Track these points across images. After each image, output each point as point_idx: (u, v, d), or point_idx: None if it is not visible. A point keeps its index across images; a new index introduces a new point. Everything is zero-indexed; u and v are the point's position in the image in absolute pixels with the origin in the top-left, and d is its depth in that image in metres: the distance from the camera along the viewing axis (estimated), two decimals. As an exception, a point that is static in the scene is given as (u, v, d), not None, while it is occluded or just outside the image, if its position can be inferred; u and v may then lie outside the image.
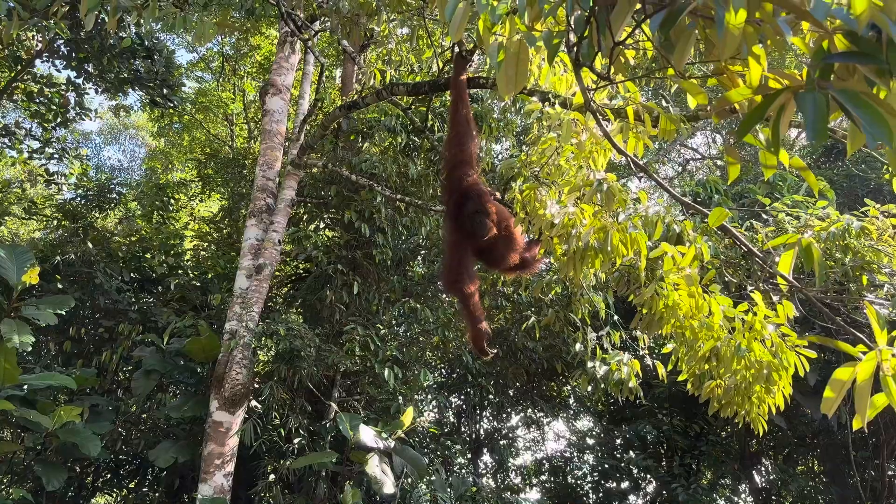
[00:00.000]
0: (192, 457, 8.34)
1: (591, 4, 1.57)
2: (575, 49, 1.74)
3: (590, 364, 7.54)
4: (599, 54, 1.74)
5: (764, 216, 7.20)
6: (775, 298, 3.91)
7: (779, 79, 1.54)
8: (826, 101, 1.35)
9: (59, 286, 10.30)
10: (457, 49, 4.12)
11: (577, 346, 7.81)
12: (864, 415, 1.82)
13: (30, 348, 7.67)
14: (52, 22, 7.73)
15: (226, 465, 7.45)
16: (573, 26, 1.69)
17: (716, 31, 1.39)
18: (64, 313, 8.50)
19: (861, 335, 2.30)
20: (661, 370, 6.99)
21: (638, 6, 1.52)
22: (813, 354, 3.67)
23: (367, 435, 7.88)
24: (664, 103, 3.10)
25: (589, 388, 7.86)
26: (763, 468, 13.59)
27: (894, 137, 1.28)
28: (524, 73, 1.93)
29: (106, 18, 4.67)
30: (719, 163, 18.29)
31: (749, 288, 6.46)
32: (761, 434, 4.15)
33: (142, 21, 4.70)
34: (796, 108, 1.49)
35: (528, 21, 1.83)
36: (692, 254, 3.36)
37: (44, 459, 7.86)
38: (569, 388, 14.47)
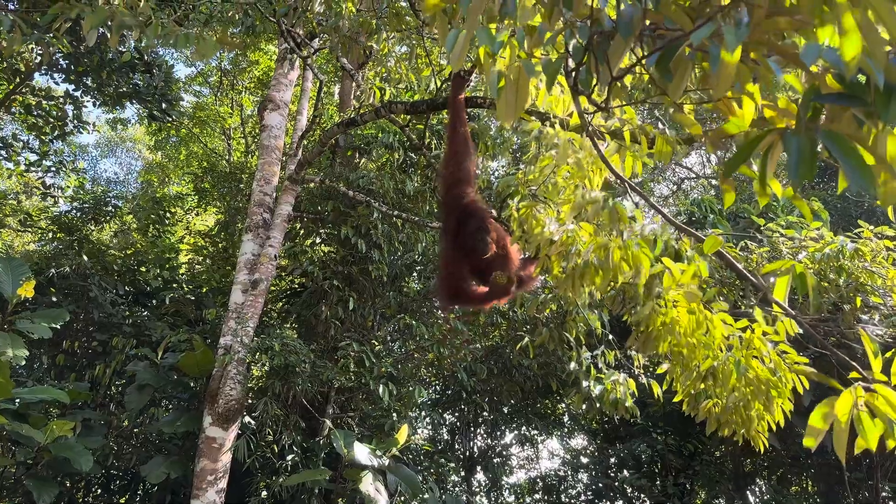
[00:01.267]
0: (185, 472, 8.28)
1: (589, 35, 1.61)
2: (573, 75, 1.77)
3: (585, 383, 7.54)
4: (596, 83, 1.77)
5: (759, 236, 7.24)
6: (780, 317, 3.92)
7: (774, 110, 1.57)
8: (810, 144, 1.38)
9: (54, 299, 10.26)
10: (459, 67, 4.15)
11: (572, 365, 7.81)
12: (842, 452, 1.85)
13: (23, 362, 7.63)
14: (53, 37, 7.76)
15: (218, 482, 7.40)
16: (571, 53, 1.72)
17: (711, 62, 1.43)
18: (58, 327, 8.47)
19: (855, 358, 2.32)
20: (657, 389, 6.98)
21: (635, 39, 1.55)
22: (812, 376, 3.67)
23: (361, 452, 7.85)
24: (660, 126, 3.13)
25: (584, 407, 7.85)
26: (757, 488, 13.56)
27: (874, 186, 1.32)
28: (524, 99, 1.95)
29: (107, 34, 4.71)
30: (714, 182, 18.40)
31: (743, 307, 6.49)
32: (762, 451, 4.13)
33: (143, 37, 4.74)
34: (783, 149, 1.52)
35: (528, 49, 1.86)
36: (693, 270, 3.38)
37: (35, 474, 7.79)
38: (563, 405, 14.44)
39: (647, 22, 1.55)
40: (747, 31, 1.35)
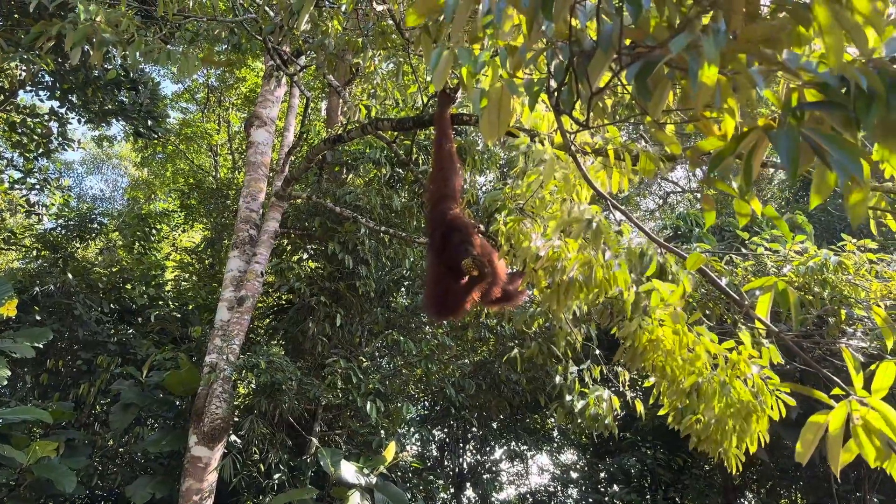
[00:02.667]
0: (170, 492, 8.19)
1: (570, 54, 1.62)
2: (556, 95, 1.78)
3: (568, 397, 7.53)
4: (579, 101, 1.79)
5: (744, 250, 7.30)
6: (765, 342, 3.95)
7: (754, 126, 1.58)
8: (797, 137, 1.39)
9: (38, 317, 10.15)
10: (442, 85, 4.18)
11: (557, 379, 7.81)
12: (836, 464, 1.85)
13: (5, 382, 7.54)
14: (36, 55, 7.74)
15: (204, 502, 7.31)
16: (553, 73, 1.74)
17: (690, 76, 1.45)
18: (41, 346, 8.37)
19: (839, 372, 2.33)
20: (640, 407, 6.99)
21: (615, 55, 1.57)
22: (792, 402, 3.69)
23: (349, 471, 7.79)
24: (643, 143, 3.16)
25: (568, 422, 7.84)
26: (746, 501, 13.55)
27: (862, 171, 1.33)
28: (507, 118, 1.97)
29: (91, 52, 4.70)
30: (699, 196, 18.54)
31: (731, 321, 6.53)
32: (736, 472, 4.14)
33: (127, 54, 4.73)
34: (769, 147, 1.53)
35: (510, 68, 1.88)
36: (680, 291, 3.40)
37: (17, 496, 7.67)
38: (552, 420, 14.41)
39: (628, 41, 1.57)
40: (725, 38, 1.37)
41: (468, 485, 14.66)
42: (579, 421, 7.34)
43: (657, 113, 1.58)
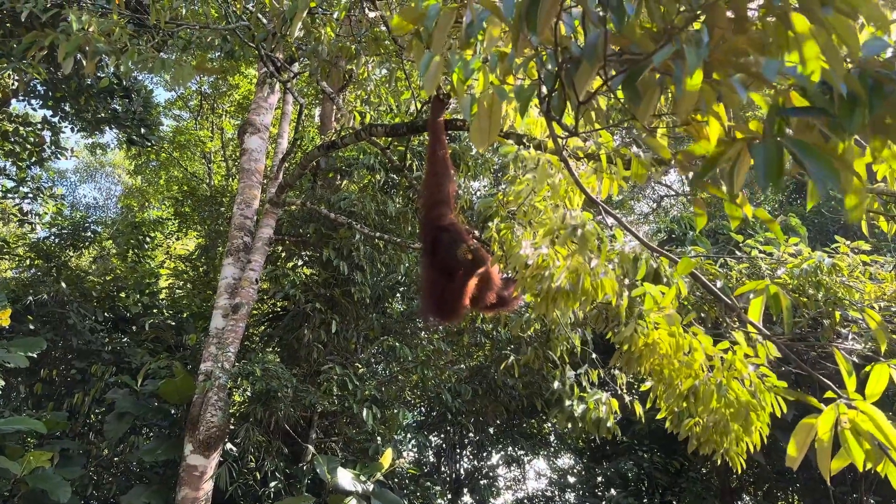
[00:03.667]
0: (166, 502, 8.14)
1: (558, 62, 1.63)
2: (546, 101, 1.79)
3: (567, 402, 7.52)
4: (569, 107, 1.80)
5: (738, 253, 7.31)
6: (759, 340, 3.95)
7: (744, 131, 1.60)
8: (777, 150, 1.41)
9: (31, 327, 10.11)
10: (434, 91, 4.18)
11: (556, 384, 7.80)
12: (826, 471, 1.85)
13: (-1, 392, 7.50)
14: (29, 64, 7.72)
15: (200, 511, 7.28)
16: (543, 80, 1.74)
17: (675, 84, 1.46)
18: (35, 355, 8.33)
19: (835, 374, 2.33)
20: (639, 409, 6.98)
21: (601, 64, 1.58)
22: (792, 396, 3.69)
23: (345, 478, 7.76)
24: (635, 148, 3.17)
25: (568, 427, 7.83)
26: (744, 504, 13.56)
27: (841, 184, 1.34)
28: (497, 124, 1.97)
29: (83, 61, 4.69)
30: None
31: (725, 324, 6.54)
32: (739, 471, 4.14)
33: (120, 63, 4.73)
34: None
35: (500, 75, 1.88)
36: (672, 293, 3.41)
37: (11, 507, 7.63)
38: (549, 425, 14.41)
39: (617, 48, 1.58)
40: (707, 50, 1.38)
41: (465, 491, 14.62)
42: (581, 425, 7.34)
43: (646, 118, 1.59)
